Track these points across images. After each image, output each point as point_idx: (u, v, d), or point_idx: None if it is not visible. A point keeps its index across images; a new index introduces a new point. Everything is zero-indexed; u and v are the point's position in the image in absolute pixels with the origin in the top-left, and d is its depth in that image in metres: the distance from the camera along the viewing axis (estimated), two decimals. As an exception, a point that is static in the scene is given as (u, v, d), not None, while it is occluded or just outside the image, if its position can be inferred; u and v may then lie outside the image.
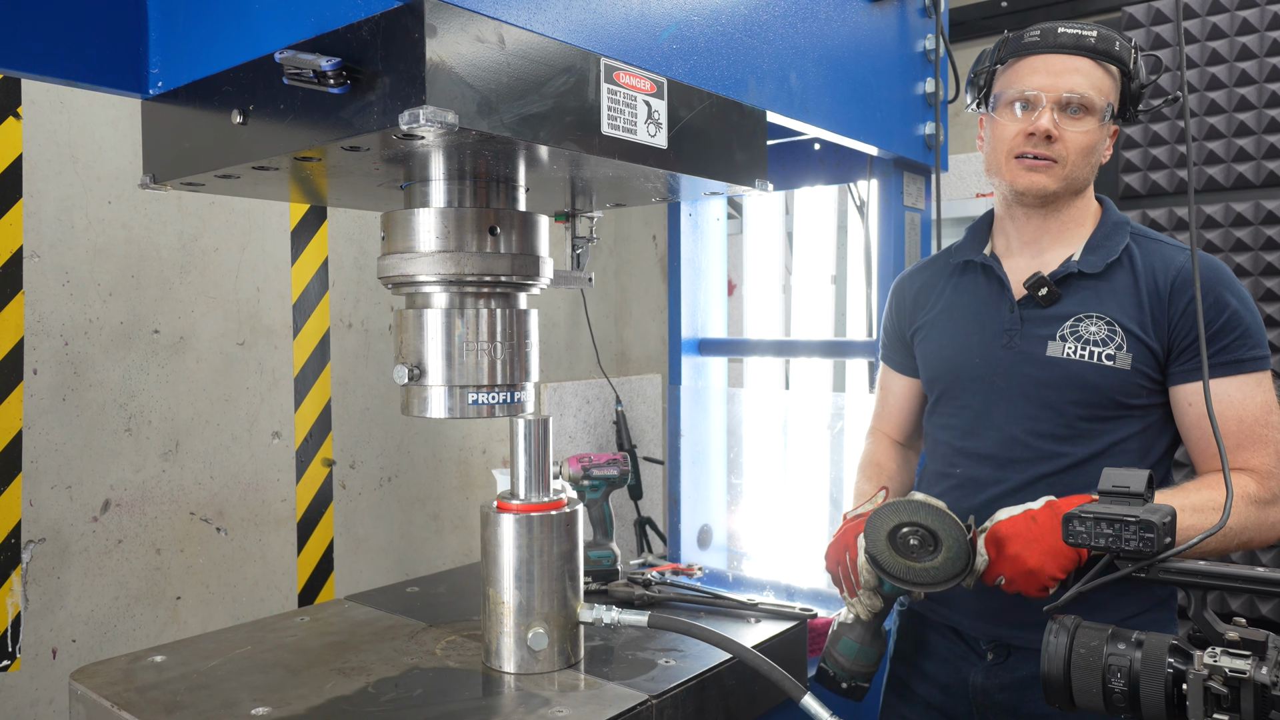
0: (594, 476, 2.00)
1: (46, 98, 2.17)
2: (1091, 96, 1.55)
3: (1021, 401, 1.60)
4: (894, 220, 2.29)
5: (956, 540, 1.36)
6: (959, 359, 1.68)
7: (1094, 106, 1.55)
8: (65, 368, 2.22)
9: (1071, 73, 1.55)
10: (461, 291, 1.46)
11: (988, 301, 1.68)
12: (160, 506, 2.39)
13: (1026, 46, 1.59)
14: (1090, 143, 1.57)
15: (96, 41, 1.37)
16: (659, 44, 1.36)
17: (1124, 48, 1.57)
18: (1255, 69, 2.37)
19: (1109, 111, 1.57)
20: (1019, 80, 1.59)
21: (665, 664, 1.52)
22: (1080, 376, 1.54)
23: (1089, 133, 1.56)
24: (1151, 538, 1.02)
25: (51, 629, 2.20)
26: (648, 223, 3.64)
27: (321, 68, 1.06)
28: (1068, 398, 1.55)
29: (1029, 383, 1.59)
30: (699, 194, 1.65)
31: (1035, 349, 1.58)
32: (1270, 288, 2.37)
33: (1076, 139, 1.56)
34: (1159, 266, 1.55)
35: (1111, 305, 1.55)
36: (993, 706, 1.62)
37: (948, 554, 1.37)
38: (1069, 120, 1.56)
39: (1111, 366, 1.52)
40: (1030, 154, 1.57)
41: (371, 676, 1.46)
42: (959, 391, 1.69)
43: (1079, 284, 1.59)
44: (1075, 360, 1.54)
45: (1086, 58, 1.55)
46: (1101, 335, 1.54)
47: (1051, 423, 1.57)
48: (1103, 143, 1.60)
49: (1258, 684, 0.95)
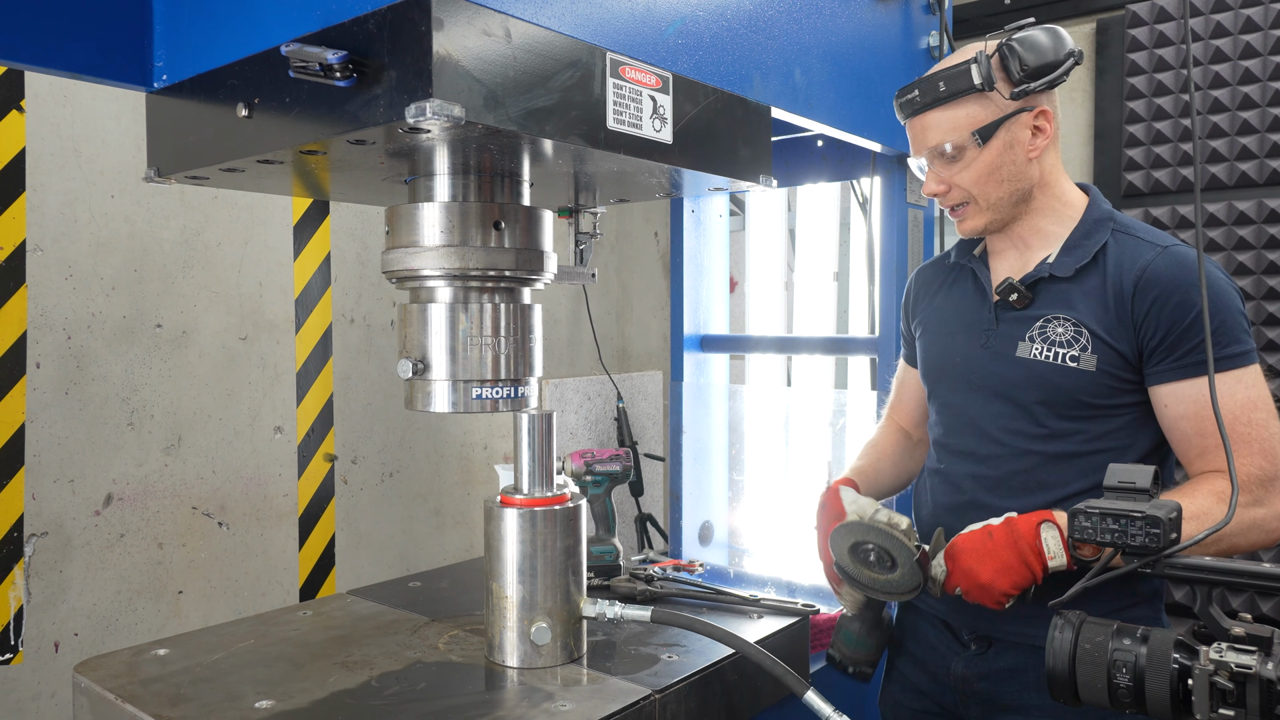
0: (597, 472, 2.00)
1: (50, 91, 2.17)
2: (951, 141, 1.56)
3: (995, 401, 1.62)
4: (896, 217, 2.29)
5: (907, 558, 1.45)
6: (944, 358, 1.72)
7: (960, 145, 1.55)
8: (68, 361, 2.22)
9: (925, 131, 1.59)
10: (466, 286, 1.46)
11: (971, 303, 1.71)
12: (162, 501, 2.39)
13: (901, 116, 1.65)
14: (982, 170, 1.56)
15: (101, 34, 1.36)
16: (664, 39, 1.36)
17: (963, 71, 1.52)
18: (1259, 67, 2.36)
19: (979, 137, 1.54)
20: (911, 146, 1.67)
21: (668, 659, 1.52)
22: (1044, 377, 1.55)
23: (972, 165, 1.56)
24: (1158, 533, 1.02)
25: (54, 622, 2.20)
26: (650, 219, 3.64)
27: (328, 61, 1.06)
28: (1034, 397, 1.57)
29: (1001, 382, 1.61)
30: (703, 190, 1.65)
31: (1007, 349, 1.60)
32: (1273, 286, 2.36)
33: (964, 177, 1.58)
34: (1126, 266, 1.53)
35: (1080, 307, 1.55)
36: (973, 695, 1.66)
37: (902, 570, 1.46)
38: (949, 167, 1.59)
39: (1075, 368, 1.52)
40: (947, 208, 1.65)
41: (374, 670, 1.46)
42: (944, 390, 1.73)
43: (1051, 286, 1.59)
44: (1040, 361, 1.56)
45: (934, 109, 1.57)
46: (1067, 337, 1.54)
47: (1023, 421, 1.59)
48: (1006, 151, 1.55)
49: (1264, 679, 0.95)
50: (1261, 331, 2.38)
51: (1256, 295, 2.38)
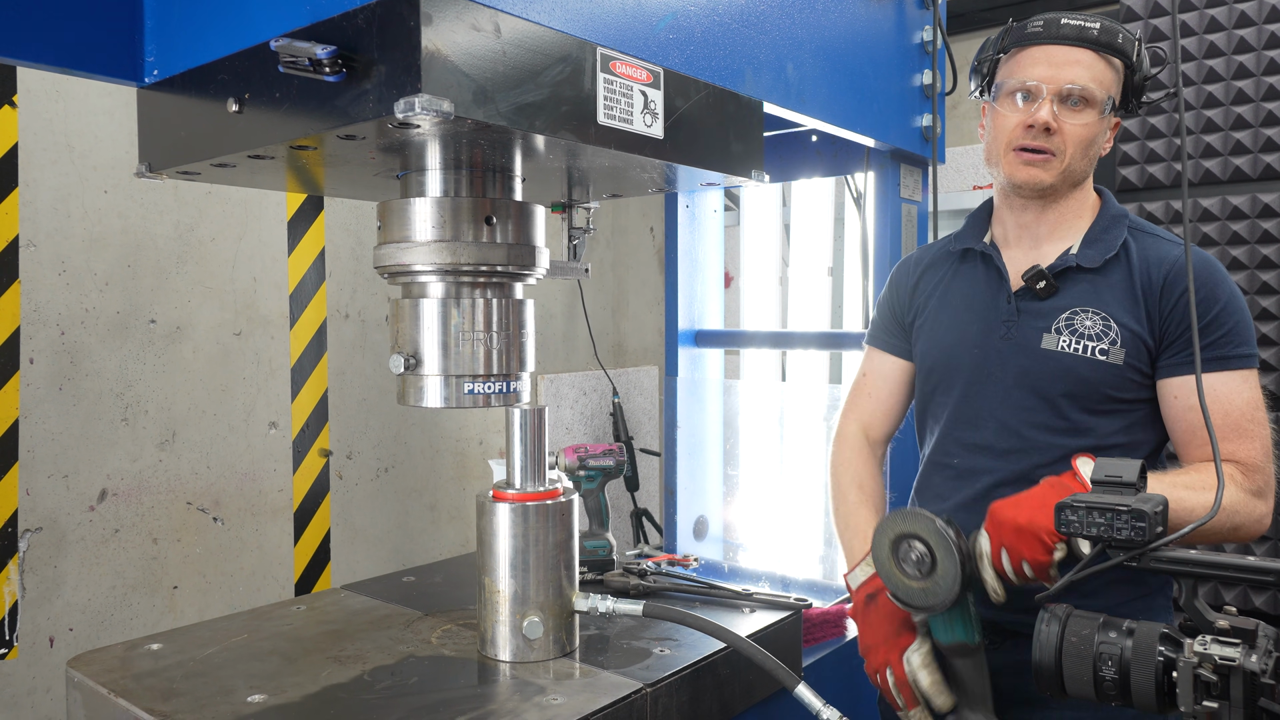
0: (590, 467, 2.00)
1: (42, 86, 2.17)
2: (1092, 89, 1.54)
3: (1016, 392, 1.60)
4: (891, 212, 2.29)
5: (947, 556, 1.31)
6: (956, 348, 1.69)
7: (1094, 99, 1.55)
8: (62, 357, 2.22)
9: (1073, 64, 1.55)
10: (458, 281, 1.46)
11: (986, 291, 1.68)
12: (157, 496, 2.39)
13: (1029, 36, 1.59)
14: (1089, 135, 1.57)
15: (92, 29, 1.36)
16: (655, 34, 1.36)
17: (1127, 40, 1.57)
18: (1253, 62, 2.37)
19: (1110, 104, 1.57)
20: (1020, 71, 1.59)
21: (660, 653, 1.52)
22: (1073, 370, 1.55)
23: (1089, 125, 1.56)
24: (1143, 526, 1.03)
25: (49, 617, 2.21)
26: (645, 215, 3.64)
27: (317, 56, 1.06)
28: (1059, 390, 1.56)
29: (1023, 374, 1.59)
30: (695, 185, 1.65)
31: (1030, 340, 1.59)
32: (1266, 281, 2.37)
33: (1076, 131, 1.56)
34: (1154, 261, 1.55)
35: (1108, 300, 1.56)
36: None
37: (942, 570, 1.32)
38: (1069, 112, 1.55)
39: (1104, 361, 1.53)
40: (1029, 147, 1.57)
41: (367, 665, 1.47)
42: (956, 381, 1.69)
43: (1076, 277, 1.59)
44: (1068, 354, 1.55)
45: (1089, 49, 1.55)
46: (1096, 330, 1.54)
47: (1045, 414, 1.58)
48: (1103, 135, 1.60)
49: (1247, 672, 0.95)
50: (1255, 326, 2.38)
51: (1250, 290, 2.39)
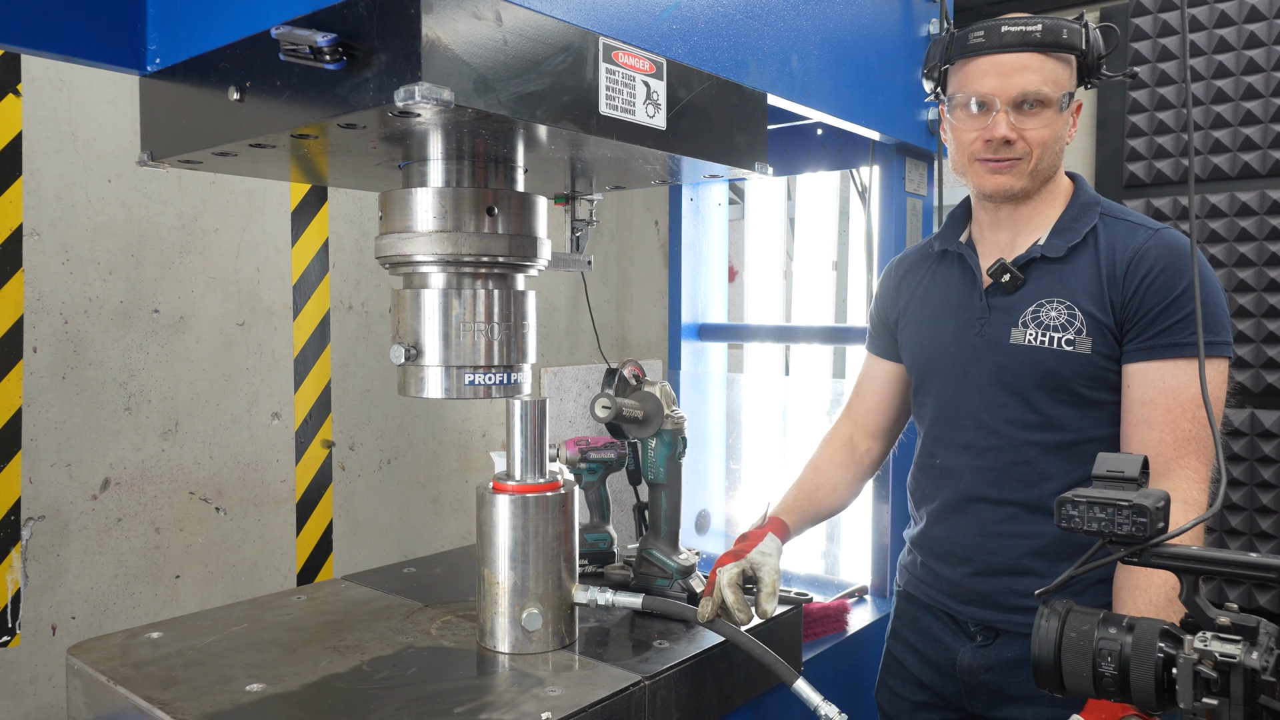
0: (591, 460, 2.00)
1: (46, 75, 2.16)
2: (1045, 91, 1.52)
3: (991, 389, 1.60)
4: (896, 206, 2.29)
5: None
6: (935, 348, 1.70)
7: (1049, 100, 1.53)
8: (65, 346, 2.22)
9: (1022, 71, 1.52)
10: (459, 272, 1.46)
11: (961, 290, 1.68)
12: (160, 486, 2.39)
13: (972, 48, 1.56)
14: (1051, 134, 1.55)
15: (95, 17, 1.36)
16: (659, 24, 1.35)
17: (1073, 32, 1.54)
18: (1263, 57, 2.35)
19: (1067, 99, 1.54)
20: (970, 84, 1.56)
21: (659, 646, 1.52)
22: (1041, 363, 1.53)
23: (1049, 124, 1.54)
24: (1144, 522, 1.02)
25: (51, 606, 2.21)
26: (650, 208, 3.63)
27: (317, 43, 1.05)
28: (1030, 384, 1.55)
29: (997, 370, 1.59)
30: (698, 176, 1.64)
31: (1001, 336, 1.59)
32: (1274, 278, 2.35)
33: (1037, 134, 1.54)
34: (1119, 247, 1.53)
35: (1074, 288, 1.54)
36: (979, 686, 1.64)
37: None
38: (1026, 117, 1.53)
39: (1071, 352, 1.51)
40: (992, 158, 1.56)
41: (366, 655, 1.47)
42: (935, 380, 1.70)
43: (1043, 268, 1.58)
44: (1036, 347, 1.54)
45: (1036, 52, 1.52)
46: (1061, 320, 1.53)
47: (1019, 409, 1.57)
48: (1065, 127, 1.58)
49: (1247, 669, 0.94)
50: (1262, 324, 2.37)
51: (1258, 287, 2.37)
